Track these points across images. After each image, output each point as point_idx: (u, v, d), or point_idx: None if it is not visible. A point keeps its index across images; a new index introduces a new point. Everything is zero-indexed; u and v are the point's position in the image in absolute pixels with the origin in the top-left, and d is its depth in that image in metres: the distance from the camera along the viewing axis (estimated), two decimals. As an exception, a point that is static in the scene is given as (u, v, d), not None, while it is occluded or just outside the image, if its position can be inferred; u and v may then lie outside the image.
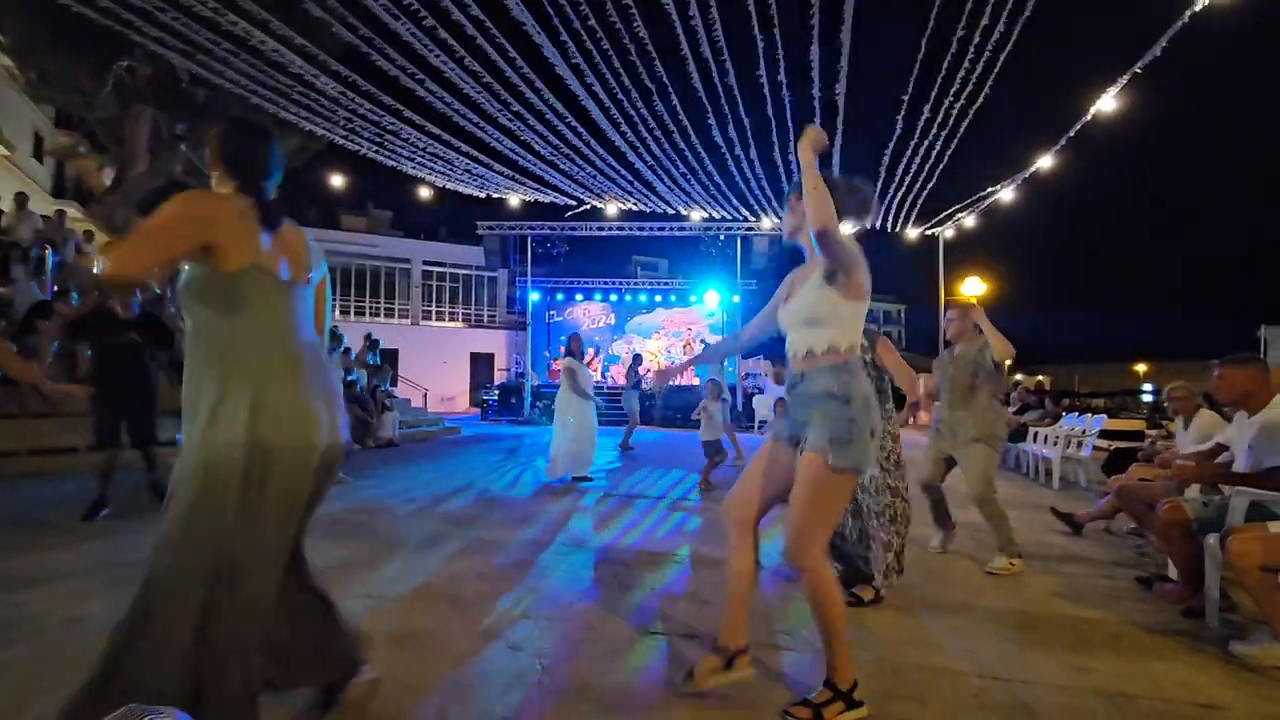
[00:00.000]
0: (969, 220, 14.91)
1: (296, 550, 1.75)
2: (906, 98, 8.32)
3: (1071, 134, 9.51)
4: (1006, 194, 12.93)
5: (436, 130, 9.57)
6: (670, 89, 8.07)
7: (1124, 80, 7.90)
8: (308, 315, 1.76)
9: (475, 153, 10.43)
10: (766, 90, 7.99)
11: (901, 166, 10.39)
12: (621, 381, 16.05)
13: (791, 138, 9.24)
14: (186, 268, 1.62)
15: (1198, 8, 6.37)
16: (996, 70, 7.55)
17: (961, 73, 7.63)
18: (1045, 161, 11.05)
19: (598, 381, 19.13)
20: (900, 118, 8.76)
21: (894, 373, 3.29)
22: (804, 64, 7.30)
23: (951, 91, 8.06)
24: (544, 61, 7.46)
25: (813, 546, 1.94)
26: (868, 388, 2.02)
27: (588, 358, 9.97)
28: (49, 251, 9.17)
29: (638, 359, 14.52)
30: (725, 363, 13.75)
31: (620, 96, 8.24)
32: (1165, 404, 5.02)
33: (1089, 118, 8.81)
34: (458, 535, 4.29)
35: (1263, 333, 11.71)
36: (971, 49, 7.17)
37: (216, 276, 1.58)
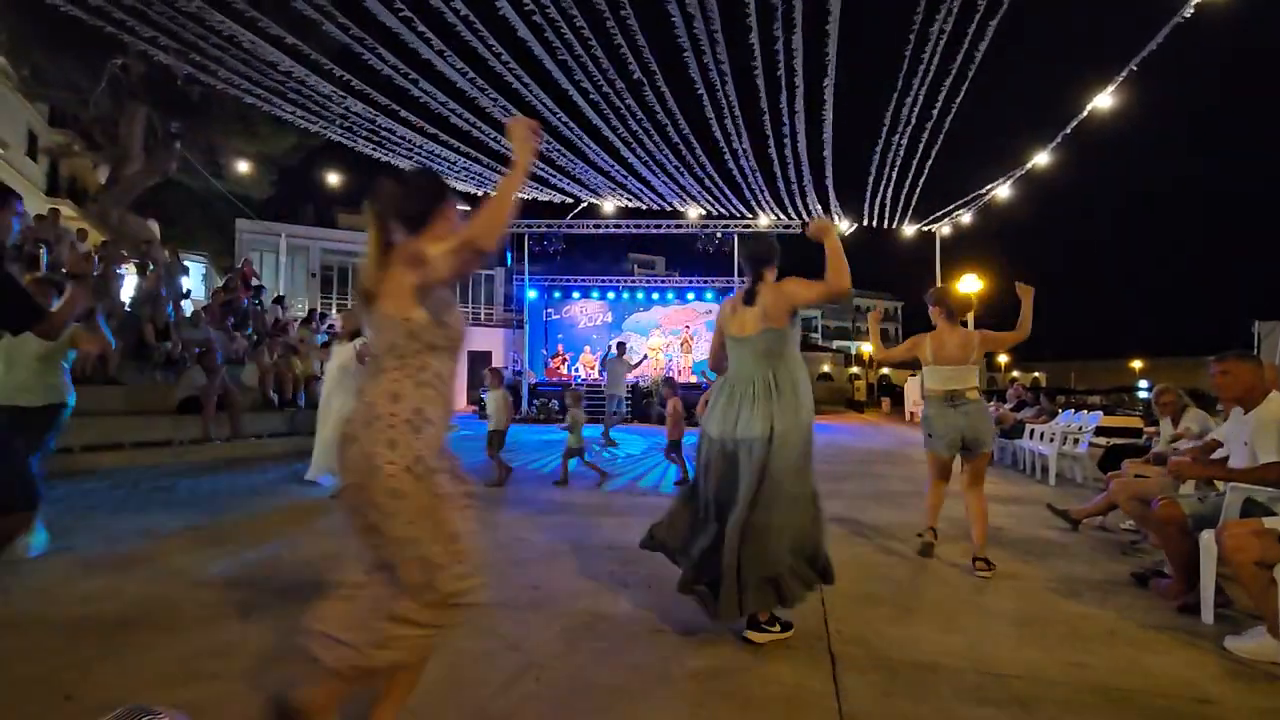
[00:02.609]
0: (966, 217, 14.92)
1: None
2: (895, 92, 8.32)
3: (1068, 130, 9.53)
4: (1003, 191, 12.94)
5: (433, 130, 9.56)
6: (661, 80, 8.04)
7: (1120, 76, 7.91)
8: (747, 356, 2.66)
9: (471, 150, 10.42)
10: (761, 82, 7.97)
11: (890, 160, 10.37)
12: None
13: (787, 131, 9.23)
14: None
15: (1195, 1, 6.39)
16: (992, 64, 7.56)
17: (954, 66, 7.63)
18: (1042, 158, 11.07)
19: (595, 380, 19.10)
20: (893, 110, 8.75)
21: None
22: (792, 54, 7.28)
23: (943, 84, 8.06)
24: (531, 54, 7.45)
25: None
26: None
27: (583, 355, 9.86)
28: (43, 250, 9.11)
29: (621, 347, 13.32)
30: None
31: (607, 89, 8.22)
32: (1155, 408, 5.13)
33: (1085, 114, 8.83)
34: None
35: (1257, 328, 11.71)
36: (961, 39, 7.17)
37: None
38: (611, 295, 20.00)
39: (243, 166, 15.41)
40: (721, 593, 2.40)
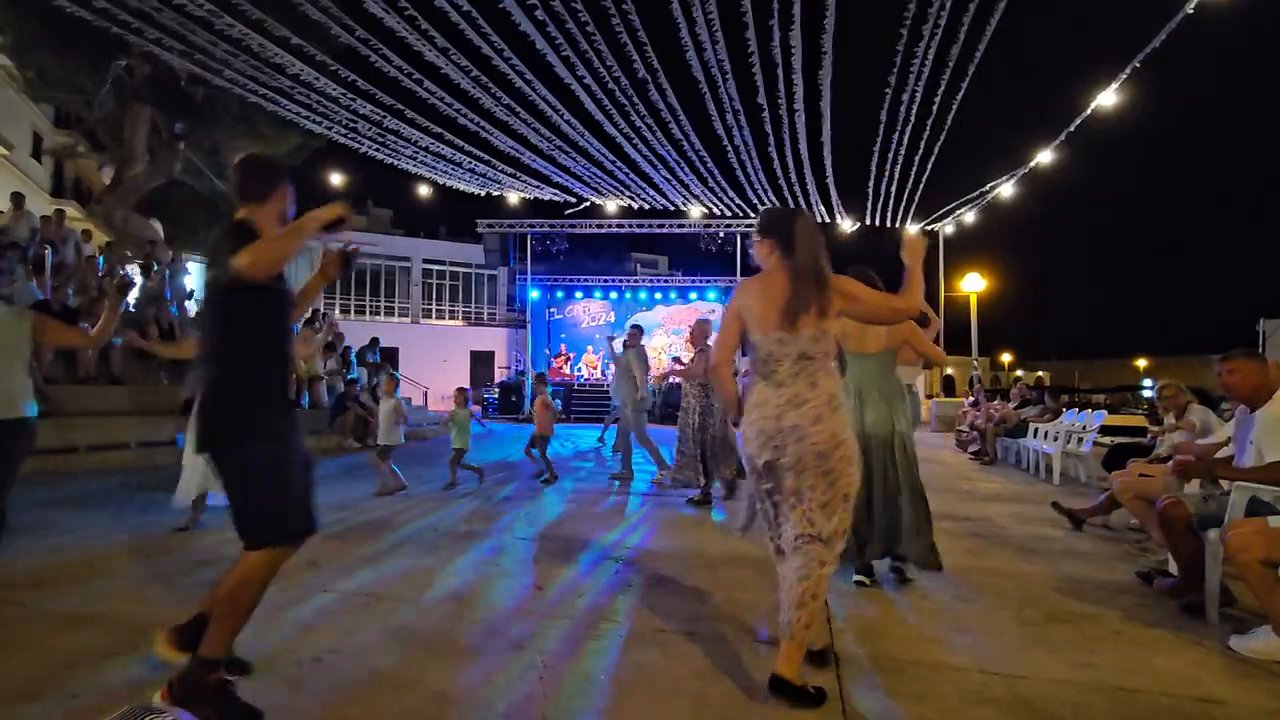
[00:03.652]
0: (969, 216, 14.89)
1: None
2: (890, 89, 8.30)
3: (1071, 129, 9.51)
4: (1007, 189, 12.92)
5: (438, 129, 9.57)
6: (663, 76, 8.04)
7: (1124, 74, 7.89)
8: (871, 367, 3.25)
9: (475, 149, 10.43)
10: (760, 79, 7.96)
11: (891, 157, 10.34)
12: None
13: (786, 128, 9.22)
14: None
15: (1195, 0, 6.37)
16: (993, 62, 7.55)
17: (952, 62, 7.62)
18: (1045, 156, 11.04)
19: (597, 380, 19.09)
20: (889, 106, 8.74)
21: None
22: (789, 49, 7.27)
23: (942, 80, 8.04)
24: (534, 50, 7.45)
25: None
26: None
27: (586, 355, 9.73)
28: (48, 251, 9.15)
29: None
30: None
31: (612, 86, 8.22)
32: (1157, 404, 5.11)
33: (1089, 112, 8.80)
34: (458, 533, 4.30)
35: (1262, 326, 11.69)
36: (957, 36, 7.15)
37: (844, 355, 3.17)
38: (614, 295, 20.00)
39: (246, 167, 15.44)
40: (914, 548, 3.19)
